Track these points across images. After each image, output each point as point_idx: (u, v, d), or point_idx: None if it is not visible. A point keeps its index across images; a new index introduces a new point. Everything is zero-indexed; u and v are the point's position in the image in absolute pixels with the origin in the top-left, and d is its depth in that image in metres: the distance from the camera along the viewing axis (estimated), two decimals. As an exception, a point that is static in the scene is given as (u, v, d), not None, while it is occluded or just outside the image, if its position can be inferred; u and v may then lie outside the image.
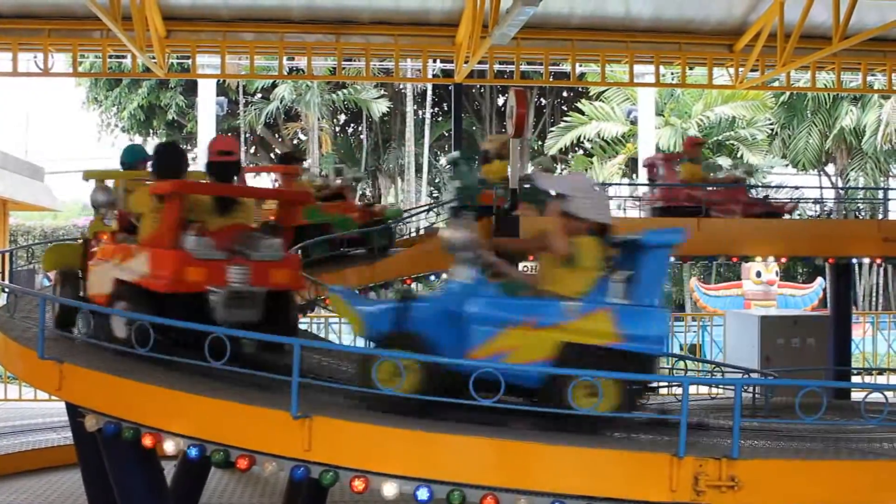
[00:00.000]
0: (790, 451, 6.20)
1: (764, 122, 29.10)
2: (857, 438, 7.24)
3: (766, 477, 5.43)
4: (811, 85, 19.05)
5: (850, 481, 5.67)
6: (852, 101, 28.58)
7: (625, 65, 18.12)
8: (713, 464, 5.32)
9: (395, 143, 33.54)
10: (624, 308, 5.80)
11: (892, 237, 12.49)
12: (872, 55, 17.77)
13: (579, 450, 5.63)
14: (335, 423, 5.60)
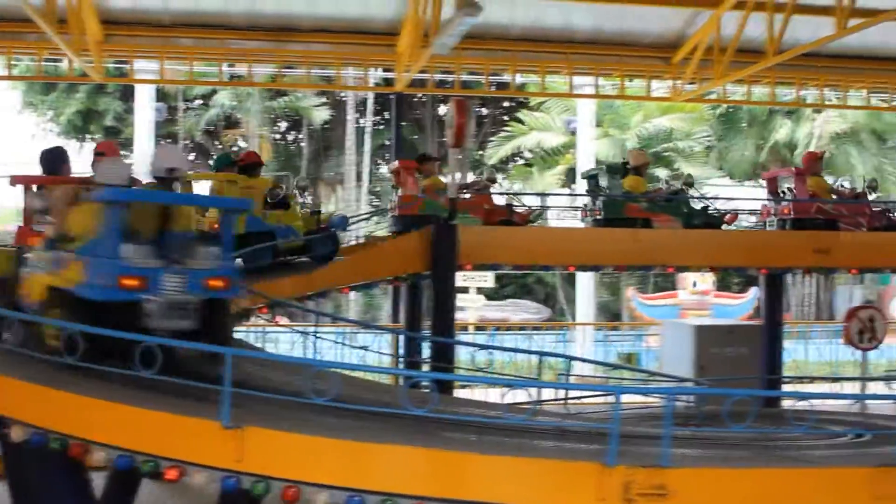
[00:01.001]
0: (720, 459, 6.30)
1: (701, 134, 29.55)
2: (786, 446, 7.37)
3: (696, 485, 5.51)
4: (746, 98, 19.42)
5: (776, 489, 5.77)
6: (786, 114, 29.13)
7: (564, 76, 18.26)
8: (643, 472, 5.39)
9: (336, 151, 33.44)
10: (91, 260, 6.30)
11: (822, 248, 12.73)
12: (805, 70, 18.11)
13: (511, 459, 5.67)
14: (267, 433, 5.56)
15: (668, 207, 12.91)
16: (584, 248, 12.18)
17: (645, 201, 12.93)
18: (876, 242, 13.11)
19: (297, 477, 5.55)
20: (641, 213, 12.75)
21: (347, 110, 31.92)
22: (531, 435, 6.71)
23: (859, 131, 28.88)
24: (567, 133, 26.93)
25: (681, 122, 28.30)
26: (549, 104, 28.46)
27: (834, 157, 29.04)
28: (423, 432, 6.03)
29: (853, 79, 18.60)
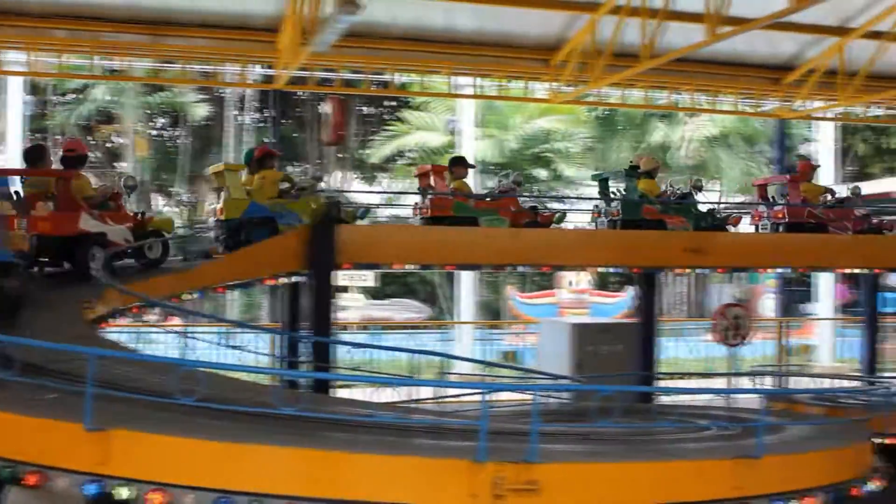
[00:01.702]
0: (590, 454, 6.43)
1: (580, 135, 30.09)
2: (657, 440, 7.57)
3: (565, 479, 5.62)
4: (623, 101, 19.87)
5: (643, 482, 5.93)
6: (661, 118, 29.90)
7: (445, 76, 18.36)
8: (512, 468, 5.46)
9: (216, 148, 32.86)
10: None
11: (694, 248, 13.11)
12: (678, 75, 18.60)
13: (383, 457, 5.68)
14: (133, 434, 5.44)
15: (680, 210, 13.59)
16: (463, 247, 12.26)
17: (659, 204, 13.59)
18: (744, 243, 13.58)
19: (164, 479, 5.45)
20: (656, 215, 13.46)
21: (227, 107, 31.39)
22: (408, 433, 6.73)
23: (729, 135, 29.85)
24: (449, 133, 27.08)
25: (560, 123, 28.76)
26: (432, 104, 28.56)
27: (705, 160, 30.00)
28: (298, 432, 5.99)
29: (723, 84, 19.20)
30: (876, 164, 35.10)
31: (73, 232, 9.89)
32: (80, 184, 10.41)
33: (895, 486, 8.93)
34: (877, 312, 16.84)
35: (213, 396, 5.92)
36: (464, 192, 12.84)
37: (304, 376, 11.34)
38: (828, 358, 21.88)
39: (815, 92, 19.07)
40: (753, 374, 14.03)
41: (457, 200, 12.54)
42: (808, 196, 14.66)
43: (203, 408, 5.73)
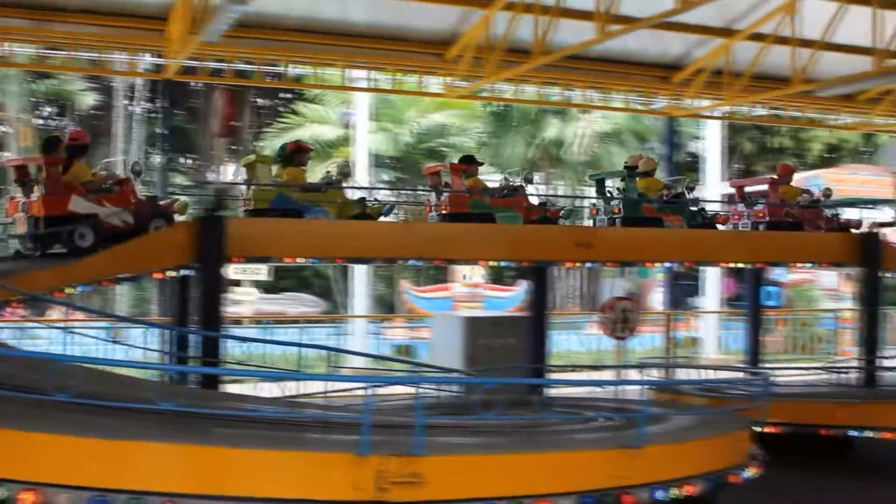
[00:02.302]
0: (475, 446, 6.47)
1: (475, 130, 30.27)
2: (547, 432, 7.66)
3: (449, 472, 5.64)
4: (516, 97, 20.05)
5: (526, 472, 5.99)
6: (555, 114, 30.26)
7: (339, 68, 18.23)
8: (396, 461, 5.47)
9: (105, 138, 32.04)
10: None
11: (583, 243, 13.29)
12: (571, 72, 18.84)
13: (266, 452, 5.62)
14: (3, 433, 5.26)
15: (676, 209, 14.24)
16: (355, 240, 12.19)
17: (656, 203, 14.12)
18: (631, 238, 13.82)
19: (38, 478, 5.28)
20: (655, 214, 14.07)
21: (117, 96, 30.63)
22: (294, 428, 6.68)
23: (622, 132, 30.41)
24: (343, 126, 26.94)
25: (455, 118, 28.87)
26: (327, 97, 28.36)
27: (598, 156, 30.48)
28: (182, 428, 5.89)
29: (615, 82, 19.54)
30: (761, 162, 36.23)
31: (61, 213, 10.35)
32: (77, 169, 10.87)
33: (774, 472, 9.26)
34: (760, 306, 17.36)
35: (91, 392, 5.77)
36: (479, 189, 13.24)
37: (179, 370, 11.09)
38: (713, 350, 22.47)
39: (702, 91, 19.55)
40: (641, 366, 14.29)
41: (474, 197, 12.94)
42: (785, 198, 15.39)
43: (80, 404, 5.58)
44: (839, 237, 15.42)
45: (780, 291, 27.30)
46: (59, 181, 10.63)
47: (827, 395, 12.49)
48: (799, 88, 17.49)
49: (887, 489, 11.04)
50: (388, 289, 28.52)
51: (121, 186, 11.21)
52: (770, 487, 10.22)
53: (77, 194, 10.60)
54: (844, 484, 11.32)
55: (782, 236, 14.93)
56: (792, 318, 23.93)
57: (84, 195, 10.66)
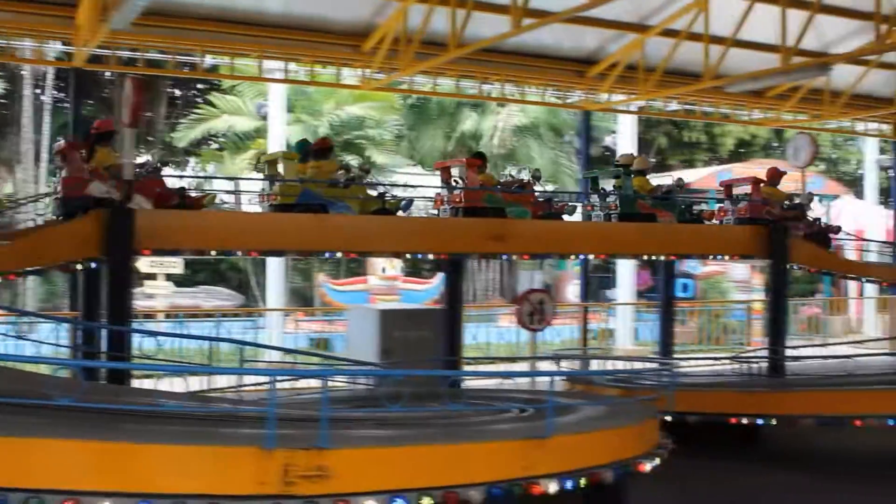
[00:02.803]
0: (385, 438, 6.45)
1: (392, 123, 30.20)
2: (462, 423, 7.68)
3: (356, 465, 5.61)
4: (433, 90, 20.05)
5: (435, 464, 5.99)
6: (473, 107, 30.36)
7: (254, 59, 18.00)
8: (303, 455, 5.42)
9: (13, 128, 31.18)
10: None
11: (497, 235, 13.34)
12: (487, 65, 18.91)
13: (170, 447, 5.53)
14: None
15: (667, 205, 14.86)
16: (267, 233, 12.05)
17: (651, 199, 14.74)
18: (546, 231, 13.92)
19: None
20: (649, 210, 14.65)
21: (25, 84, 29.81)
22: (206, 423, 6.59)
23: (539, 125, 30.60)
24: (259, 118, 26.65)
25: (372, 110, 28.75)
26: (242, 88, 28.00)
27: (516, 149, 30.66)
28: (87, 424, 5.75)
29: (530, 76, 19.64)
30: (675, 157, 36.86)
31: (78, 195, 10.99)
32: (100, 155, 11.45)
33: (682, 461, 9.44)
34: (672, 297, 17.66)
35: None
36: (492, 185, 13.86)
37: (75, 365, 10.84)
38: (628, 341, 22.79)
39: (616, 85, 19.79)
40: (555, 357, 14.43)
41: (488, 193, 13.42)
42: (770, 199, 15.96)
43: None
44: (747, 230, 15.74)
45: (693, 283, 27.80)
46: (81, 166, 11.20)
47: (734, 385, 12.76)
48: (710, 84, 17.79)
49: (792, 475, 11.33)
50: (305, 282, 28.30)
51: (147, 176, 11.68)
52: (678, 476, 10.42)
53: (99, 179, 11.08)
54: (751, 471, 11.58)
55: (692, 229, 15.21)
56: (704, 310, 24.35)
57: (105, 181, 11.10)
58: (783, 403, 11.38)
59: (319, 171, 12.84)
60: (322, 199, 12.40)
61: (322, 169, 12.83)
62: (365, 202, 12.81)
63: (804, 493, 10.66)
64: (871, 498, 10.46)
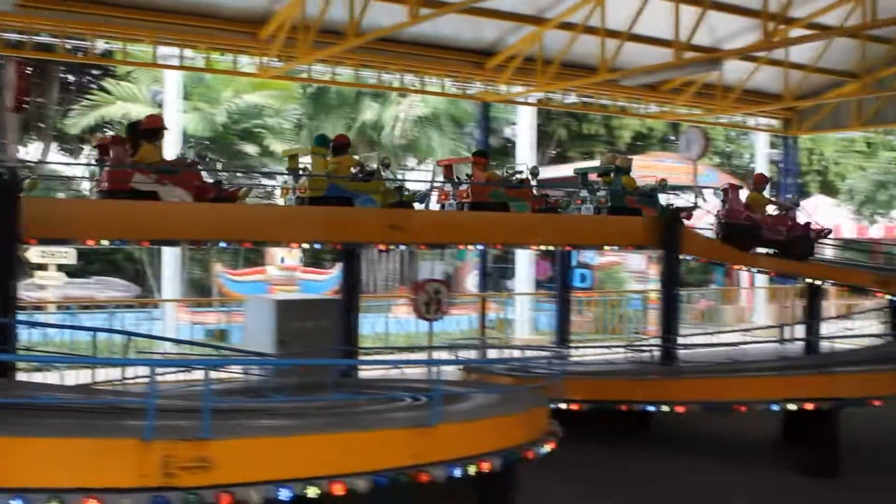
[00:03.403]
0: (267, 428, 6.39)
1: (292, 112, 29.89)
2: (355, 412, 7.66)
3: (239, 455, 5.55)
4: (332, 79, 19.93)
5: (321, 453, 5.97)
6: (374, 97, 30.26)
7: (149, 45, 17.63)
8: (184, 446, 5.34)
9: None
10: None
11: (396, 225, 13.33)
12: (387, 55, 18.89)
13: (47, 440, 5.40)
14: None
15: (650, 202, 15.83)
16: (161, 222, 11.80)
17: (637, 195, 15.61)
18: (443, 221, 13.99)
19: None
20: (636, 205, 15.61)
21: None
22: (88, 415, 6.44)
23: (440, 116, 30.64)
24: (154, 105, 26.09)
25: (271, 98, 28.40)
26: (138, 74, 27.37)
27: (417, 140, 30.67)
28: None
29: (430, 66, 19.68)
30: (574, 149, 37.34)
31: (123, 188, 11.45)
32: (145, 150, 11.87)
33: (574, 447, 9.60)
34: (568, 287, 17.89)
35: None
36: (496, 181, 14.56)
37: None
38: (526, 331, 23.02)
39: (515, 77, 19.97)
40: (451, 347, 14.50)
41: (493, 188, 14.14)
42: (752, 204, 16.87)
43: None
44: (641, 220, 16.05)
45: (591, 274, 28.23)
46: (125, 160, 11.67)
47: (626, 373, 13.00)
48: (606, 77, 18.10)
49: (681, 460, 11.61)
50: (203, 273, 27.86)
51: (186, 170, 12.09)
52: (573, 462, 10.61)
53: (142, 173, 11.54)
54: (643, 456, 11.84)
55: (588, 220, 15.43)
56: (602, 300, 24.74)
57: (149, 175, 11.58)
58: (671, 390, 11.63)
59: (340, 166, 13.35)
60: (348, 192, 13.03)
61: (342, 164, 13.36)
62: (385, 195, 13.29)
63: (691, 475, 10.95)
64: (752, 479, 10.81)
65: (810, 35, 17.99)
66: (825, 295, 24.95)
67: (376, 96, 30.13)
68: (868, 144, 44.02)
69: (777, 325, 22.73)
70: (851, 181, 36.25)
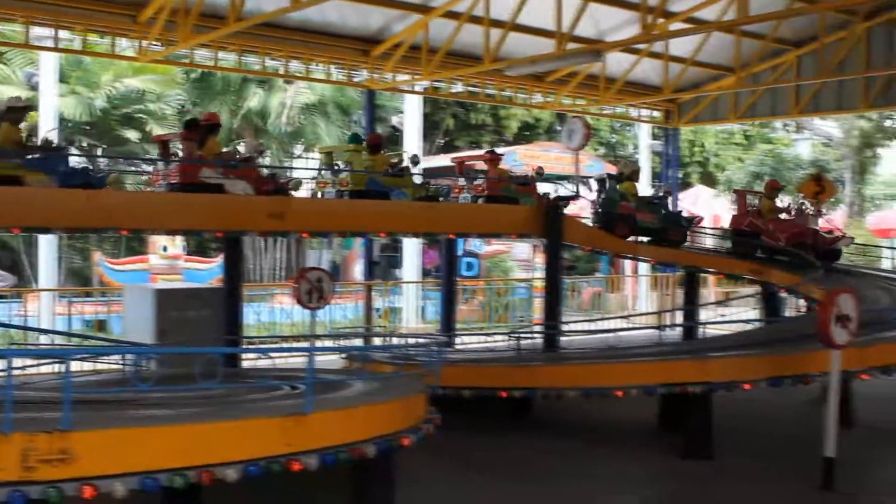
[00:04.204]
0: (133, 419, 6.25)
1: (174, 97, 29.24)
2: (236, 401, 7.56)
3: (103, 447, 5.42)
4: (215, 63, 19.56)
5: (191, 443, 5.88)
6: (260, 83, 29.81)
7: (21, 24, 17.00)
8: (44, 438, 5.19)
9: None
10: None
11: (276, 213, 13.20)
12: (271, 41, 18.62)
13: None
14: None
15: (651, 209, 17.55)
16: (31, 208, 11.41)
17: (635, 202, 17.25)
18: (324, 209, 13.91)
19: None
20: (631, 211, 17.28)
21: None
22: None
23: (326, 104, 30.39)
24: (29, 87, 25.21)
25: (153, 83, 27.72)
26: (12, 55, 26.36)
27: (303, 127, 30.38)
28: None
29: (315, 53, 19.49)
30: (462, 138, 37.54)
31: (192, 181, 12.44)
32: (211, 144, 13.06)
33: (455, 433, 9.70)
34: (454, 275, 18.01)
35: None
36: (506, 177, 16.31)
37: None
38: (413, 319, 23.07)
39: (401, 65, 19.95)
40: (335, 335, 14.48)
41: (503, 185, 15.89)
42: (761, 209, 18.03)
43: None
44: (524, 209, 16.24)
45: (478, 262, 28.45)
46: (194, 154, 12.78)
47: (505, 360, 13.15)
48: (490, 67, 18.21)
49: (560, 444, 11.82)
50: (83, 262, 27.08)
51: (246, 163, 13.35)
52: (450, 448, 10.73)
53: (208, 167, 12.58)
54: (522, 440, 12.02)
55: (470, 208, 15.55)
56: (489, 288, 24.96)
57: (214, 168, 12.64)
58: (550, 377, 11.82)
59: (375, 162, 14.48)
60: (384, 187, 14.25)
61: (377, 161, 14.54)
62: (415, 189, 14.58)
63: (568, 458, 11.16)
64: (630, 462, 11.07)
65: (687, 29, 18.41)
66: (705, 283, 25.76)
67: (262, 83, 29.70)
68: (746, 137, 45.47)
69: (655, 312, 23.33)
70: (729, 172, 37.33)
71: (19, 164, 11.31)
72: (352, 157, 14.49)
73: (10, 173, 11.19)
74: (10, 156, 11.16)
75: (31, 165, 11.40)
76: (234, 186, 12.79)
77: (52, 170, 11.56)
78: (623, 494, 9.83)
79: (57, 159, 11.69)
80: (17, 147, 11.45)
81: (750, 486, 10.22)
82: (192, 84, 30.04)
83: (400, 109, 28.62)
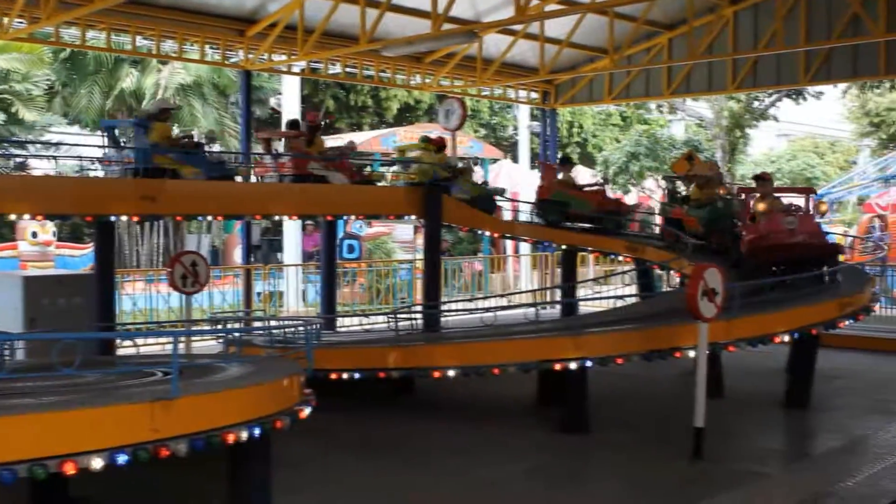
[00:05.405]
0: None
1: (42, 77, 28.25)
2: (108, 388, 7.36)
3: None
4: (83, 43, 18.96)
5: (47, 433, 5.73)
6: (133, 63, 29.03)
7: None
8: None
9: None
10: None
11: (148, 195, 12.92)
12: (142, 19, 18.13)
13: None
14: None
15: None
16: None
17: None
18: (197, 191, 13.65)
19: None
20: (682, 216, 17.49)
21: None
22: None
23: (203, 85, 29.76)
24: None
25: (18, 63, 26.70)
26: None
27: (180, 109, 29.71)
28: None
29: (189, 32, 19.04)
30: (343, 120, 37.33)
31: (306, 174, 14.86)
32: (318, 142, 15.65)
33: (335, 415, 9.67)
34: (334, 257, 17.93)
35: None
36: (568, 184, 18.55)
37: None
38: (295, 302, 22.90)
39: (277, 45, 19.70)
40: (214, 320, 14.27)
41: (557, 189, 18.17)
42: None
43: None
44: (403, 190, 16.25)
45: (360, 244, 28.37)
46: (302, 151, 15.10)
47: (384, 341, 13.18)
48: (366, 47, 18.09)
49: (441, 422, 11.95)
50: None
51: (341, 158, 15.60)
52: (331, 430, 10.76)
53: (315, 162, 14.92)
54: (401, 420, 12.09)
55: (348, 189, 15.47)
56: (371, 270, 24.94)
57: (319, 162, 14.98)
58: (428, 356, 11.88)
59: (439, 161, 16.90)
60: (444, 181, 16.56)
61: (441, 159, 17.02)
62: (473, 187, 17.13)
63: (448, 434, 11.30)
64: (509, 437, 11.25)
65: (561, 10, 18.60)
66: (585, 261, 26.27)
67: (135, 63, 28.93)
68: (623, 118, 46.46)
69: (534, 290, 23.68)
70: (607, 153, 38.06)
71: (174, 159, 13.16)
72: (422, 153, 17.22)
73: (171, 167, 13.13)
74: (170, 151, 13.17)
75: (184, 160, 13.40)
76: (334, 177, 15.06)
77: (201, 163, 13.66)
78: (503, 465, 9.99)
79: (201, 155, 14.05)
80: (172, 144, 13.43)
81: (624, 455, 10.51)
82: (61, 64, 29.04)
83: (279, 91, 28.29)
